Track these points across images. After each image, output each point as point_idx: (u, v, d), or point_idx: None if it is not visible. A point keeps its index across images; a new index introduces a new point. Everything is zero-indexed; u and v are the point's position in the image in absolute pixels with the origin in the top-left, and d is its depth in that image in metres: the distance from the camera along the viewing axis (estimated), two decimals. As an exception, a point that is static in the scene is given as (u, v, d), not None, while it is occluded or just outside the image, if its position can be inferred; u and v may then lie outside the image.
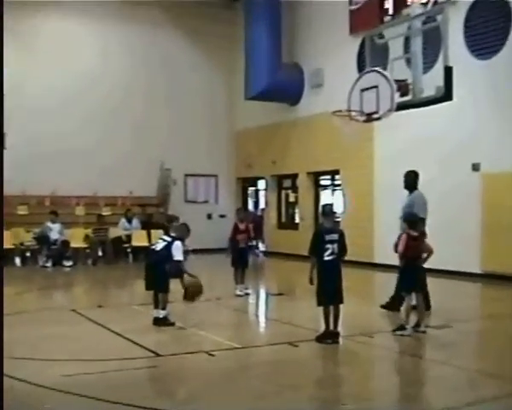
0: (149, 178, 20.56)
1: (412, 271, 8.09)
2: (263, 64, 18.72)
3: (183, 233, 8.99)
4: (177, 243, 8.56)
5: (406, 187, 9.63)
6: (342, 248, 7.57)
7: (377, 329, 8.60)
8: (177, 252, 8.49)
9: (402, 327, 7.99)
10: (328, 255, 7.46)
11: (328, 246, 7.46)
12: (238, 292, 11.45)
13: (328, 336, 7.52)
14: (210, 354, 6.91)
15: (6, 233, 15.29)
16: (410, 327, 8.01)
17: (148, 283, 8.70)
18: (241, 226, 11.73)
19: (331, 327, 7.56)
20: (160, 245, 8.70)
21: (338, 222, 14.79)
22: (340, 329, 7.63)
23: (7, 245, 15.78)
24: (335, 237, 7.54)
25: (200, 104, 21.65)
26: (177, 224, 9.49)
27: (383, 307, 9.57)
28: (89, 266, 17.58)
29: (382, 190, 16.22)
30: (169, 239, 8.68)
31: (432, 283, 9.47)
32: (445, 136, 14.53)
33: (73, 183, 18.91)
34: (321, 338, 7.54)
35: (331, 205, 8.49)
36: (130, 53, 20.65)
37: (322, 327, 7.63)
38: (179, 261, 8.52)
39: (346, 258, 7.76)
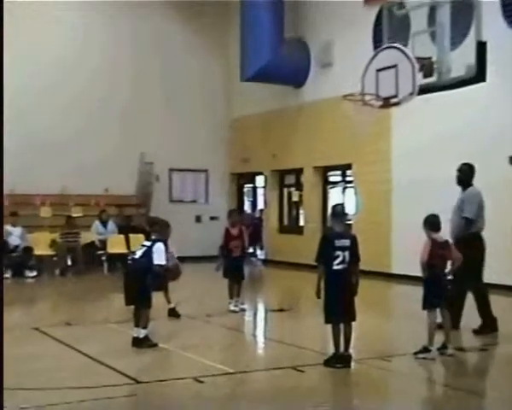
0: (128, 174, 20.53)
1: (437, 283, 8.09)
2: (262, 39, 18.68)
3: (162, 231, 8.98)
4: (159, 245, 8.56)
5: (459, 183, 9.71)
6: (354, 256, 7.57)
7: (396, 351, 8.60)
8: (159, 255, 8.47)
9: (425, 349, 7.97)
10: (338, 264, 7.46)
11: (339, 253, 7.46)
12: (232, 308, 11.45)
13: (339, 360, 7.51)
14: (198, 381, 6.89)
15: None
16: (435, 349, 8.01)
17: (129, 296, 8.68)
18: (234, 232, 11.59)
19: (342, 349, 7.56)
20: (139, 252, 8.70)
21: (350, 225, 14.80)
22: (352, 351, 7.62)
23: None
24: (347, 242, 7.54)
25: (189, 88, 21.60)
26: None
27: (477, 331, 9.48)
28: (56, 276, 17.55)
29: (402, 189, 16.23)
30: (148, 244, 8.69)
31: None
32: (477, 124, 14.51)
33: (37, 179, 18.84)
34: (330, 362, 7.54)
35: (342, 205, 8.50)
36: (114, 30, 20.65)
37: (332, 349, 7.62)
38: (161, 266, 8.52)
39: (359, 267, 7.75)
